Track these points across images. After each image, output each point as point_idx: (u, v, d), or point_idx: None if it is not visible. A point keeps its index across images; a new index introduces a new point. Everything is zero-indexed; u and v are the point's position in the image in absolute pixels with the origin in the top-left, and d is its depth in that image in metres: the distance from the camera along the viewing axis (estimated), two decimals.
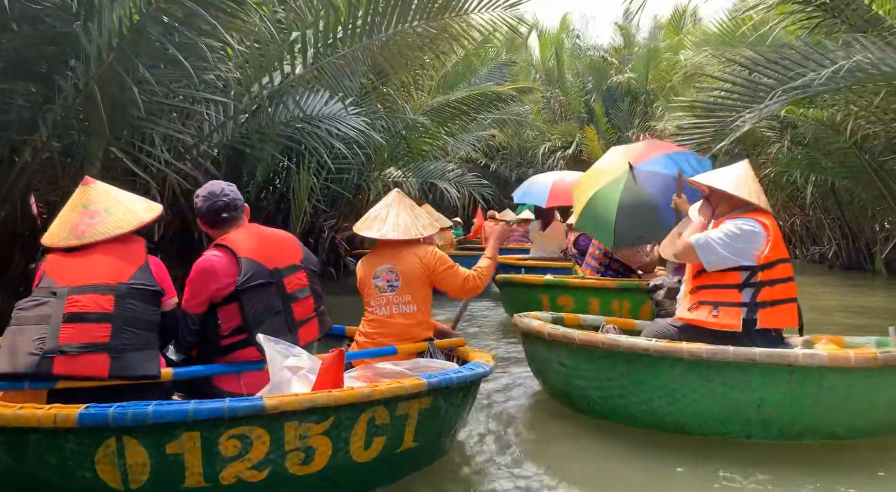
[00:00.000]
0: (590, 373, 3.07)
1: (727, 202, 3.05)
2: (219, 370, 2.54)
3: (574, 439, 2.97)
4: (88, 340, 2.20)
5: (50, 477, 2.00)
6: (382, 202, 3.28)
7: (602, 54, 19.58)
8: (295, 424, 2.07)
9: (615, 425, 3.03)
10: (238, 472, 2.04)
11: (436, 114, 8.81)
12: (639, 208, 4.88)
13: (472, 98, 8.84)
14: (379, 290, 3.05)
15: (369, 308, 3.11)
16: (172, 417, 1.96)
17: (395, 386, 2.21)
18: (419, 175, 9.20)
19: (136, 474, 1.98)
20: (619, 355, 2.91)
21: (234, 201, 2.62)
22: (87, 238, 2.37)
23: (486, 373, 2.60)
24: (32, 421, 1.93)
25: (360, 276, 3.17)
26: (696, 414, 2.83)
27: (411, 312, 3.02)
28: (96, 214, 2.44)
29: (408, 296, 3.01)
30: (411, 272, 3.04)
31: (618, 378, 2.96)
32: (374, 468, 2.26)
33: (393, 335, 2.99)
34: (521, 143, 17.92)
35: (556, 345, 3.18)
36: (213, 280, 2.47)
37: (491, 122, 12.47)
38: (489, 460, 2.72)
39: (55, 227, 2.47)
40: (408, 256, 3.07)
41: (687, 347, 2.75)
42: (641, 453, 2.75)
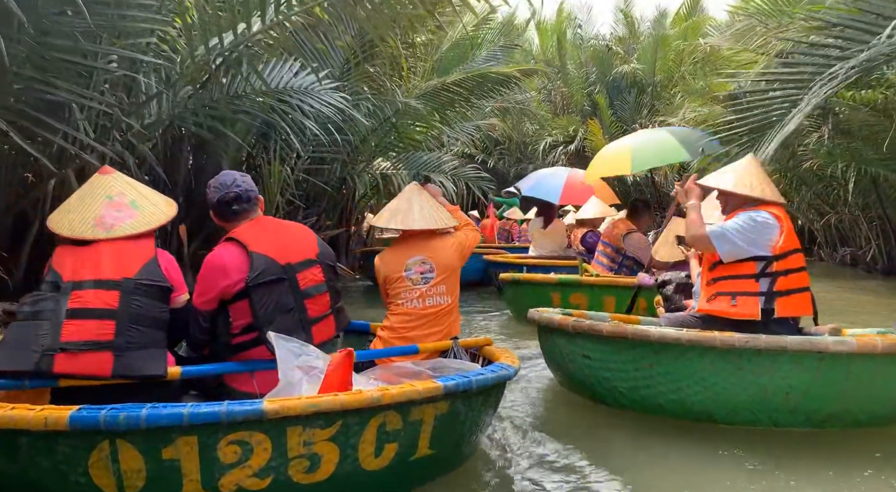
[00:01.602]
0: (617, 365, 3.25)
1: (734, 199, 3.32)
2: (229, 369, 2.56)
3: (598, 433, 3.14)
4: (91, 337, 2.24)
5: (43, 481, 1.99)
6: (402, 195, 3.39)
7: (606, 43, 19.59)
8: (298, 429, 2.03)
9: (635, 414, 3.24)
10: (238, 480, 2.01)
11: (430, 99, 8.53)
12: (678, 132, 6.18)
13: (471, 79, 8.55)
14: (412, 282, 3.15)
15: (398, 301, 3.17)
16: (167, 420, 1.92)
17: (407, 390, 2.14)
18: (411, 167, 8.99)
19: (132, 479, 1.97)
20: (648, 346, 3.10)
21: (246, 193, 2.67)
22: (116, 232, 2.46)
23: (510, 375, 2.56)
24: (23, 423, 1.92)
25: (384, 270, 3.23)
26: (725, 403, 3.02)
27: (446, 303, 3.17)
28: (123, 207, 2.55)
29: (443, 287, 3.16)
30: (446, 262, 3.19)
31: (646, 369, 3.14)
32: (385, 477, 2.21)
33: (425, 327, 3.10)
34: (521, 137, 17.85)
35: (580, 338, 3.35)
36: (223, 276, 2.50)
37: (491, 109, 12.78)
38: (513, 461, 2.74)
39: (70, 215, 2.52)
40: (439, 246, 3.22)
41: (719, 336, 2.94)
42: (669, 443, 2.93)
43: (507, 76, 8.53)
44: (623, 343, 3.21)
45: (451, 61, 10.39)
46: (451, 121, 9.74)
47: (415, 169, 8.78)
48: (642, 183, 16.50)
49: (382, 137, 8.52)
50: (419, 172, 8.70)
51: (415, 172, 8.76)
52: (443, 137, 10.40)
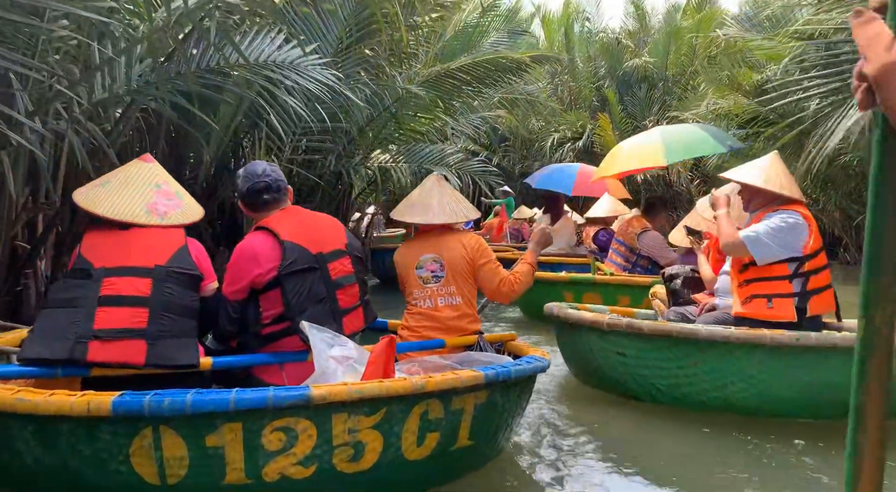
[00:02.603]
0: (657, 362, 3.47)
1: (761, 196, 3.56)
2: (260, 360, 2.71)
3: (625, 427, 3.34)
4: (124, 325, 2.38)
5: (83, 470, 2.11)
6: (422, 187, 3.52)
7: (616, 37, 19.93)
8: (344, 416, 2.17)
9: (656, 406, 3.51)
10: (282, 468, 2.14)
11: (433, 86, 8.52)
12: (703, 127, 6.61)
13: (478, 65, 8.48)
14: (423, 281, 3.28)
15: (412, 300, 3.31)
16: (212, 406, 2.05)
17: (450, 378, 2.30)
18: (413, 160, 9.00)
19: (174, 468, 2.09)
20: (692, 344, 3.34)
21: (275, 182, 2.86)
22: (170, 220, 2.66)
23: (544, 367, 2.72)
24: (65, 409, 2.04)
25: (400, 266, 3.38)
26: (771, 398, 3.29)
27: (457, 303, 3.25)
28: (172, 196, 2.75)
29: (453, 287, 3.26)
30: (456, 261, 3.27)
31: (689, 366, 3.39)
32: (426, 467, 2.36)
33: (439, 329, 3.21)
34: (526, 134, 18.06)
35: (615, 335, 3.57)
36: (255, 265, 2.66)
37: (499, 100, 12.99)
38: (543, 454, 2.92)
39: (118, 200, 2.67)
40: (452, 243, 3.30)
41: (770, 334, 3.20)
42: (706, 435, 3.17)
43: (516, 63, 8.61)
44: (665, 341, 3.43)
45: (455, 50, 10.47)
46: (456, 111, 9.86)
47: (416, 162, 8.88)
48: (653, 181, 16.78)
49: (381, 127, 8.62)
50: (421, 166, 8.82)
51: (416, 166, 8.88)
52: (446, 129, 10.52)
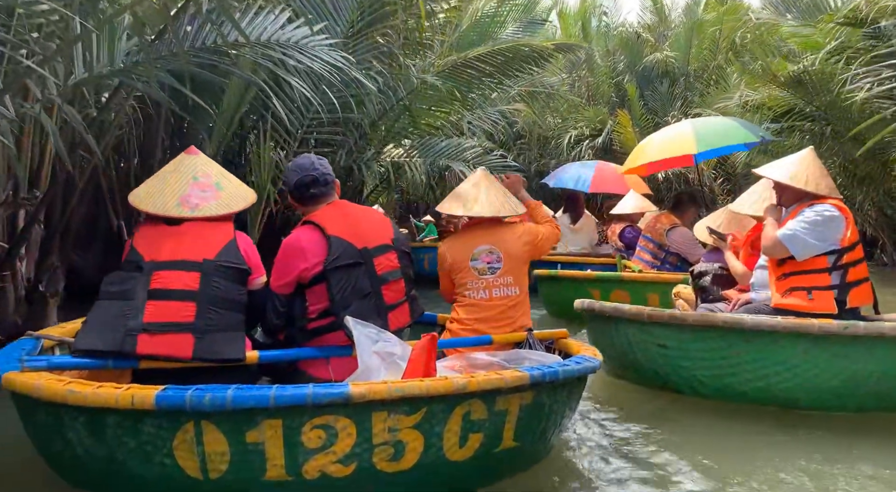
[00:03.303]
0: (699, 353, 3.66)
1: (789, 192, 3.78)
2: (306, 355, 2.87)
3: (668, 422, 3.49)
4: (172, 318, 2.54)
5: (129, 462, 2.25)
6: (468, 181, 3.72)
7: (635, 30, 20.30)
8: (384, 414, 2.27)
9: (697, 400, 3.72)
10: (322, 466, 2.26)
11: (449, 77, 8.60)
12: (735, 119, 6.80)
13: (497, 54, 8.50)
14: (478, 272, 3.47)
15: (465, 292, 3.48)
16: (253, 402, 2.17)
17: (493, 378, 2.38)
18: (427, 154, 9.10)
19: (216, 462, 2.22)
20: (737, 334, 3.51)
21: (323, 176, 3.02)
22: (200, 211, 2.80)
23: (595, 367, 2.81)
24: (111, 401, 2.18)
25: (450, 259, 3.55)
26: (814, 389, 3.43)
27: (513, 295, 3.45)
28: (208, 188, 2.89)
29: (510, 277, 3.46)
30: (515, 251, 3.48)
31: (733, 357, 3.56)
32: (469, 469, 2.45)
33: (492, 320, 3.38)
34: (542, 131, 18.38)
35: (656, 327, 3.75)
36: (301, 259, 2.83)
37: (517, 94, 13.16)
38: (594, 454, 3.04)
39: (156, 193, 2.85)
40: (507, 235, 3.51)
41: (817, 323, 3.36)
42: (754, 430, 3.31)
43: (538, 51, 8.65)
44: (709, 332, 3.62)
45: (472, 42, 10.60)
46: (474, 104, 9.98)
47: (431, 157, 9.01)
48: (675, 179, 16.92)
49: (394, 121, 8.75)
50: (436, 161, 8.95)
51: (431, 160, 9.01)
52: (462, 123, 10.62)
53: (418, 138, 9.37)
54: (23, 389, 2.37)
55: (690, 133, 6.52)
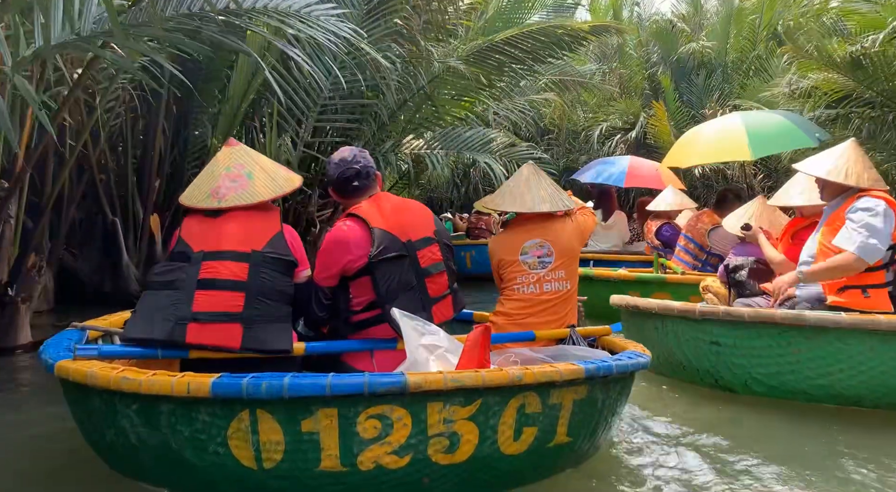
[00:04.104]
0: (755, 350, 3.88)
1: (832, 186, 4.02)
2: (351, 347, 3.09)
3: (720, 420, 3.71)
4: (222, 308, 2.77)
5: (183, 451, 2.45)
6: (517, 176, 3.96)
7: (670, 20, 20.92)
8: (439, 405, 2.46)
9: (751, 398, 3.93)
10: (377, 456, 2.45)
11: (475, 63, 8.64)
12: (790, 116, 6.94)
13: (528, 37, 8.43)
14: (529, 266, 3.71)
15: (513, 286, 3.72)
16: (309, 391, 2.37)
17: (548, 370, 2.58)
18: (450, 146, 9.22)
19: (270, 452, 2.41)
20: (797, 331, 3.72)
21: (366, 169, 3.24)
22: (227, 202, 3.01)
23: (646, 363, 3.03)
24: (167, 389, 2.38)
25: (499, 253, 3.80)
26: (880, 386, 3.64)
27: (565, 289, 3.70)
28: (239, 178, 3.11)
29: (562, 272, 3.70)
30: (566, 245, 3.73)
31: (791, 354, 3.78)
32: (523, 463, 2.64)
33: (541, 315, 3.62)
34: (571, 125, 18.87)
35: (709, 323, 3.97)
36: (346, 252, 3.04)
37: (547, 83, 13.27)
38: (644, 452, 3.25)
39: (194, 187, 3.09)
40: (559, 229, 3.76)
41: (885, 319, 3.57)
42: (810, 428, 3.55)
43: (572, 34, 8.75)
44: (768, 329, 3.84)
45: (498, 30, 10.68)
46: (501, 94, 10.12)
47: (455, 148, 9.18)
48: (712, 174, 17.13)
49: (415, 111, 8.93)
50: (459, 153, 9.13)
51: (453, 153, 9.19)
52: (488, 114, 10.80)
53: (440, 129, 9.53)
54: (76, 376, 2.60)
55: (742, 135, 6.72)
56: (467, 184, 16.30)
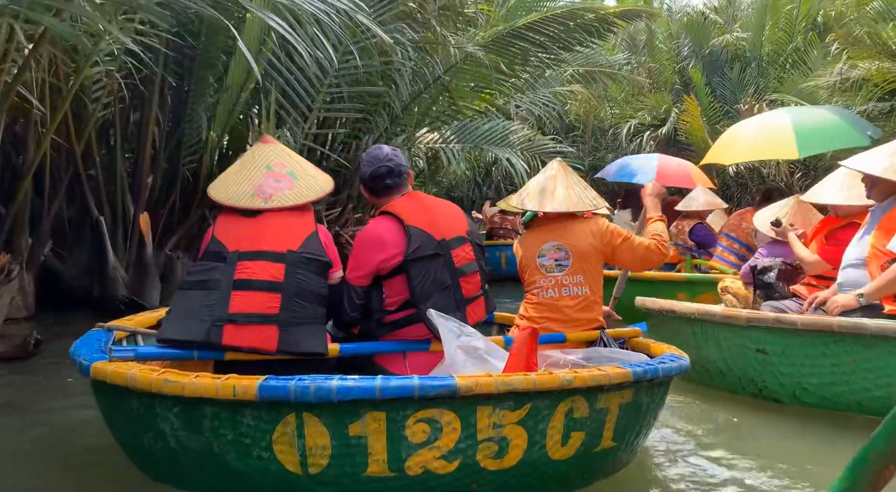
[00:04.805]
0: (807, 359, 4.04)
1: (885, 184, 4.16)
2: (385, 348, 3.31)
3: (764, 428, 3.88)
4: (258, 309, 2.97)
5: (225, 454, 2.63)
6: (543, 173, 4.13)
7: (701, 11, 21.50)
8: (489, 409, 2.64)
9: (796, 409, 4.10)
10: (425, 461, 2.62)
11: (496, 51, 8.69)
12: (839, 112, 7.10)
13: (553, 21, 8.46)
14: (546, 270, 3.89)
15: (533, 290, 3.91)
16: (357, 394, 2.54)
17: (597, 374, 2.76)
18: (467, 140, 9.37)
19: (316, 457, 2.59)
20: (855, 339, 3.85)
21: (398, 167, 3.47)
22: (274, 202, 3.23)
23: (687, 367, 3.22)
24: (211, 391, 2.55)
25: (521, 255, 3.99)
26: None
27: (583, 294, 3.85)
28: (283, 177, 3.33)
29: (579, 276, 3.86)
30: (584, 248, 3.86)
31: (847, 364, 3.92)
32: (570, 468, 2.83)
33: (560, 320, 3.79)
34: (598, 122, 19.52)
35: (756, 330, 4.12)
36: (381, 250, 3.27)
37: (572, 74, 13.24)
38: (682, 459, 3.45)
39: (231, 185, 3.30)
40: (578, 230, 3.90)
41: None
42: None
43: (602, 19, 8.79)
44: (822, 337, 4.00)
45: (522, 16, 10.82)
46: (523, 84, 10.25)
47: (472, 142, 9.35)
48: (746, 172, 17.40)
49: (430, 103, 9.11)
50: (477, 146, 9.30)
51: (471, 147, 9.36)
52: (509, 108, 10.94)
53: (457, 122, 9.70)
54: (114, 378, 2.79)
55: (790, 132, 6.87)
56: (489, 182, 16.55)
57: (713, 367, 4.51)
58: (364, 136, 8.85)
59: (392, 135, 9.05)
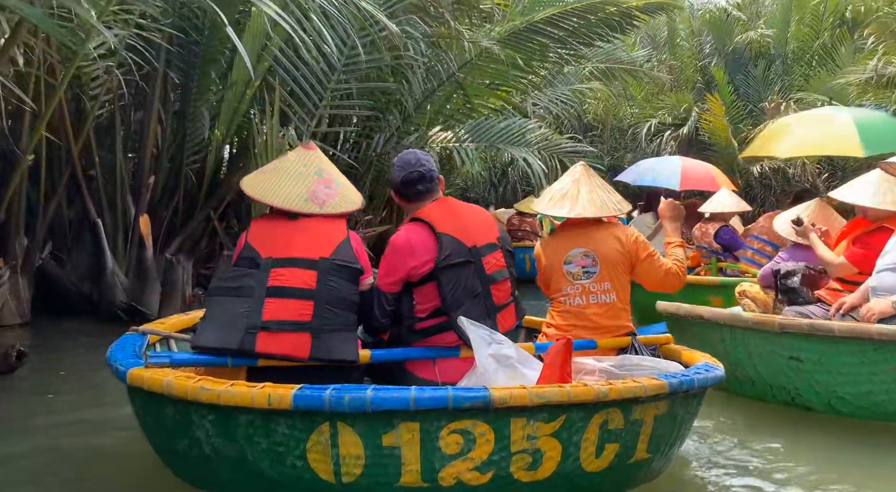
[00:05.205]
0: (844, 368, 4.15)
1: None
2: (415, 355, 3.46)
3: (796, 437, 4.03)
4: (291, 317, 3.13)
5: (259, 462, 2.77)
6: (567, 177, 4.26)
7: (724, 8, 21.86)
8: (522, 421, 2.76)
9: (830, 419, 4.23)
10: (459, 472, 2.76)
11: (513, 45, 8.76)
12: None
13: (573, 14, 8.54)
14: (572, 277, 4.00)
15: (560, 297, 4.04)
16: (391, 404, 2.68)
17: (632, 386, 2.88)
18: (482, 139, 9.39)
19: (350, 466, 2.73)
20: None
21: (430, 173, 3.62)
22: (328, 208, 3.44)
23: (722, 376, 3.34)
24: (247, 400, 2.70)
25: (545, 261, 4.12)
26: None
27: (610, 302, 3.97)
28: (331, 184, 3.53)
29: (607, 283, 3.97)
30: (611, 255, 3.98)
31: (886, 372, 4.04)
32: (604, 480, 2.95)
33: (587, 328, 3.91)
34: (617, 122, 19.91)
35: (790, 337, 4.22)
36: (412, 256, 3.42)
37: (591, 71, 12.94)
38: (712, 470, 3.60)
39: (283, 187, 3.46)
40: (605, 236, 4.02)
41: None
42: None
43: (623, 12, 8.90)
44: (861, 344, 4.09)
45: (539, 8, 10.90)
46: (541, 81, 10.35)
47: (487, 140, 9.41)
48: (770, 175, 17.56)
49: (444, 101, 9.22)
50: (492, 145, 9.39)
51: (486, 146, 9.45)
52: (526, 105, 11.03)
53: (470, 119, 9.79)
54: (150, 385, 2.95)
55: (851, 130, 6.97)
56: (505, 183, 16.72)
57: (742, 374, 4.63)
58: (375, 135, 8.96)
59: (404, 134, 9.16)
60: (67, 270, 8.87)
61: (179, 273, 8.55)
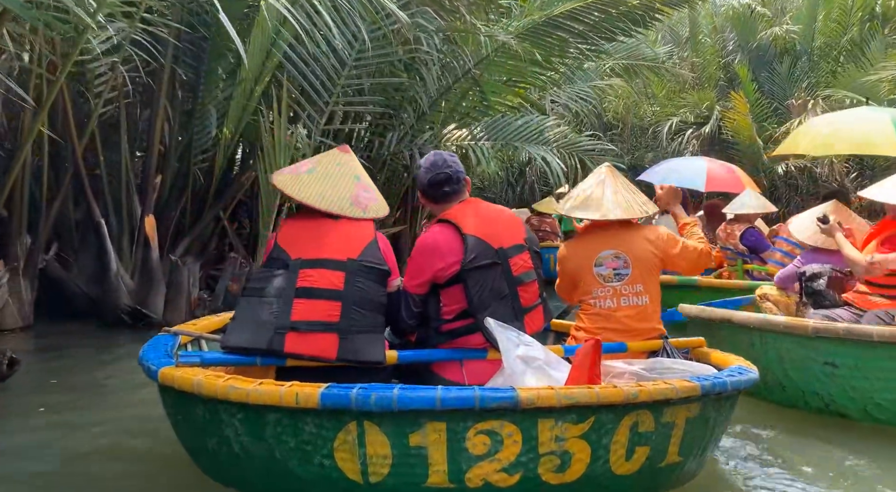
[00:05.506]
0: (883, 373, 4.23)
1: None
2: (442, 356, 3.56)
3: (833, 445, 4.08)
4: (319, 317, 3.26)
5: (287, 461, 2.88)
6: (592, 179, 4.36)
7: (748, 3, 21.82)
8: (550, 422, 2.85)
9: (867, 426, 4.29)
10: (486, 474, 2.84)
11: (531, 39, 8.78)
12: None
13: (594, 7, 8.53)
14: (603, 279, 4.09)
15: (589, 300, 4.12)
16: (418, 404, 2.77)
17: (663, 388, 2.95)
18: (498, 137, 9.42)
19: (377, 466, 2.83)
20: None
21: (456, 174, 3.74)
22: (370, 212, 3.61)
23: (756, 379, 3.42)
24: (275, 399, 2.81)
25: (572, 263, 4.20)
26: None
27: (643, 304, 4.07)
28: (369, 189, 3.70)
29: (639, 285, 4.07)
30: (643, 256, 4.09)
31: None
32: (634, 483, 3.03)
33: (618, 331, 4.00)
34: (637, 120, 20.07)
35: (824, 342, 4.30)
36: (439, 258, 3.53)
37: (612, 67, 12.90)
38: (753, 477, 3.66)
39: (326, 190, 3.61)
40: (635, 238, 4.12)
41: None
42: None
43: (647, 5, 8.93)
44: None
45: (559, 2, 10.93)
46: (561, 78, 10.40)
47: (504, 139, 9.46)
48: (796, 175, 17.61)
49: (460, 98, 9.28)
50: (509, 143, 9.43)
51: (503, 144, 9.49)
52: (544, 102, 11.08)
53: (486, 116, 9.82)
54: (181, 384, 3.07)
55: (890, 130, 7.01)
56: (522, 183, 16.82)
57: (772, 379, 4.68)
58: (388, 133, 9.02)
59: (418, 132, 9.19)
60: (73, 273, 8.88)
61: (185, 275, 8.57)
